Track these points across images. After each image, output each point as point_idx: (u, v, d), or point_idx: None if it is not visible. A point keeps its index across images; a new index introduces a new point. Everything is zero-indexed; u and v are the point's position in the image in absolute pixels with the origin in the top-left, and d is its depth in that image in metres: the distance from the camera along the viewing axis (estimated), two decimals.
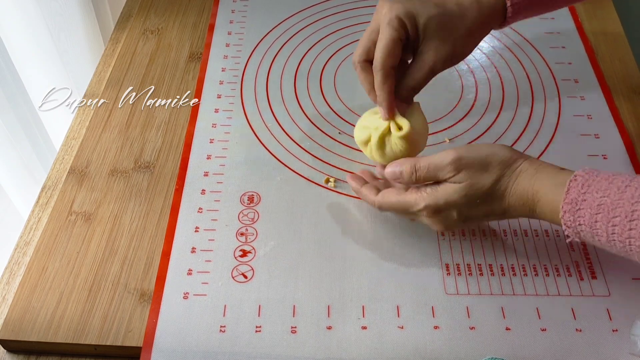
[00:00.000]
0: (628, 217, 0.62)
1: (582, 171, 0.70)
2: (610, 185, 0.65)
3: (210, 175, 0.98)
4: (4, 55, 1.08)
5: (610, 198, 0.64)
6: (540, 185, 0.73)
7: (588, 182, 0.67)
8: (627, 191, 0.63)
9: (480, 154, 0.76)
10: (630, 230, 0.62)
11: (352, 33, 1.24)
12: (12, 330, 0.81)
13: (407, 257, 0.88)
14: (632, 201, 0.62)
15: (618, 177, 0.66)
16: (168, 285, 0.85)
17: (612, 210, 0.63)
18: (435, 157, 0.79)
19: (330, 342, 0.79)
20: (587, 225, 0.66)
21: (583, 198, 0.66)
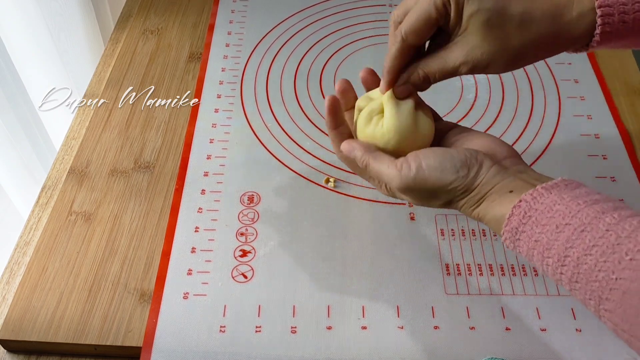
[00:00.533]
0: (560, 262, 0.60)
1: (528, 195, 0.64)
2: (549, 221, 0.62)
3: (210, 175, 0.98)
4: (4, 55, 1.08)
5: (547, 236, 0.61)
6: (485, 213, 0.69)
7: (529, 212, 0.63)
8: (565, 231, 0.60)
9: (426, 186, 0.70)
10: (561, 273, 0.61)
11: (352, 33, 1.24)
12: (12, 330, 0.81)
13: (407, 257, 0.88)
14: (567, 245, 0.59)
15: (560, 211, 0.62)
16: (168, 285, 0.85)
17: (546, 250, 0.61)
18: (384, 171, 0.72)
19: (330, 342, 0.79)
20: (524, 254, 0.65)
21: (522, 229, 0.64)
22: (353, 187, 0.96)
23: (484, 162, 0.69)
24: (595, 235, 0.57)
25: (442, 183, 0.68)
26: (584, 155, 1.01)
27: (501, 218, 0.65)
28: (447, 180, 0.68)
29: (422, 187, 0.69)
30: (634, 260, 0.54)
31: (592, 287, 0.57)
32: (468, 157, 0.69)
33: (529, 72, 1.15)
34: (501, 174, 0.68)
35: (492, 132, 1.03)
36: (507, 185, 0.66)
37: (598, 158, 1.00)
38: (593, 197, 0.61)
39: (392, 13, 0.74)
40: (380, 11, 1.29)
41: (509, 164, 0.70)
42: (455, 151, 0.70)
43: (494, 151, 0.71)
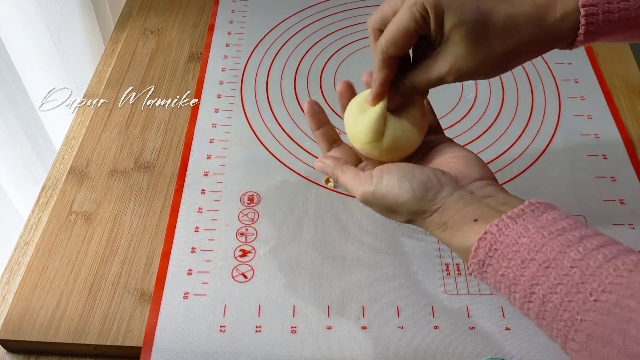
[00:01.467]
0: (527, 297, 0.59)
1: (494, 226, 0.63)
2: (515, 255, 0.60)
3: (210, 175, 0.98)
4: (4, 55, 1.08)
5: (513, 271, 0.60)
6: (450, 241, 0.68)
7: (495, 245, 0.62)
8: (530, 267, 0.59)
9: (384, 202, 0.70)
10: (528, 309, 0.60)
11: (352, 33, 1.24)
12: (12, 330, 0.81)
13: (407, 257, 0.88)
14: (532, 282, 0.58)
15: (525, 244, 0.60)
16: (168, 285, 0.85)
17: (513, 285, 0.60)
18: (349, 183, 0.74)
19: (330, 342, 0.80)
20: (492, 286, 0.64)
21: (489, 262, 0.63)
22: None
23: (446, 186, 0.68)
24: (560, 272, 0.57)
25: (398, 201, 0.69)
26: (584, 155, 1.01)
27: (467, 249, 0.65)
28: (402, 198, 0.68)
29: (380, 202, 0.71)
30: (598, 301, 0.54)
31: (558, 325, 0.57)
32: (430, 178, 0.69)
33: (529, 72, 1.15)
34: (464, 200, 0.67)
35: (492, 132, 1.03)
36: (471, 212, 0.66)
37: (598, 158, 1.00)
38: (559, 225, 0.60)
39: (368, 19, 0.73)
40: None
41: (476, 188, 0.68)
42: (419, 170, 0.70)
43: (463, 173, 0.70)
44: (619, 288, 0.53)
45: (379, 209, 0.72)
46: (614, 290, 0.53)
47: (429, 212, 0.68)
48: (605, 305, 0.53)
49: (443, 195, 0.67)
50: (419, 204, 0.68)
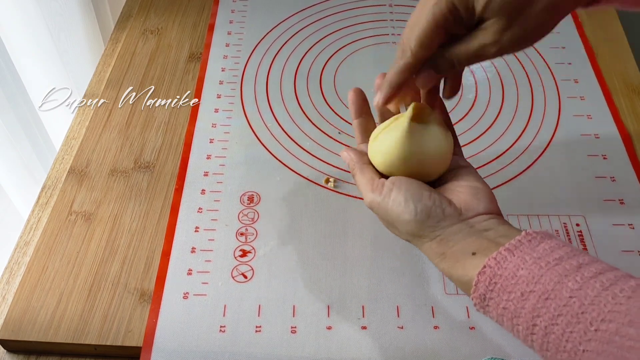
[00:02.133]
0: (529, 330, 0.59)
1: (492, 260, 0.62)
2: (514, 288, 0.60)
3: (210, 175, 0.98)
4: (4, 55, 1.08)
5: (514, 304, 0.60)
6: (450, 273, 0.68)
7: (494, 279, 0.62)
8: (530, 299, 0.59)
9: (387, 215, 0.71)
10: (532, 341, 0.60)
11: (352, 33, 1.24)
12: (12, 330, 0.81)
13: (407, 256, 0.88)
14: (533, 314, 0.59)
15: (523, 277, 0.60)
16: (168, 285, 0.85)
17: (515, 318, 0.60)
18: (362, 185, 0.74)
19: (330, 342, 0.80)
20: (495, 319, 0.64)
21: (490, 296, 0.63)
22: (353, 187, 0.96)
23: (448, 217, 0.68)
24: (559, 303, 0.57)
25: (400, 219, 0.69)
26: (584, 155, 1.01)
27: (467, 283, 0.65)
28: (404, 218, 0.69)
29: (384, 215, 0.71)
30: (598, 331, 0.54)
31: (562, 356, 0.57)
32: (435, 205, 0.69)
33: (529, 72, 1.15)
34: (463, 232, 0.67)
35: (491, 132, 1.03)
36: (470, 245, 0.66)
37: (598, 158, 1.00)
38: (556, 254, 0.60)
39: (401, 37, 0.72)
40: (381, 11, 1.29)
41: (477, 222, 0.68)
42: (427, 194, 0.69)
43: (469, 205, 0.70)
44: (618, 316, 0.53)
45: (381, 219, 0.73)
46: (613, 318, 0.53)
47: (427, 238, 0.69)
48: (606, 335, 0.53)
49: (443, 225, 0.68)
50: (419, 228, 0.68)
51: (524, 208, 0.93)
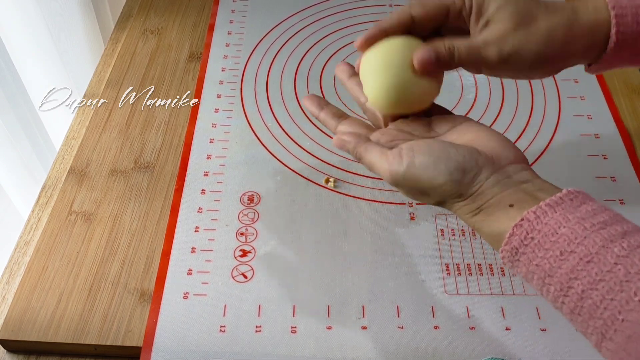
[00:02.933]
0: (563, 292, 0.56)
1: (531, 214, 0.60)
2: (553, 246, 0.58)
3: (210, 175, 0.98)
4: (4, 55, 1.08)
5: (549, 262, 0.58)
6: (481, 225, 0.65)
7: (531, 234, 0.59)
8: (569, 259, 0.56)
9: (417, 184, 0.66)
10: (562, 303, 0.58)
11: (353, 33, 1.24)
12: (12, 330, 0.81)
13: (407, 257, 0.88)
14: (571, 276, 0.56)
15: (565, 235, 0.58)
16: (168, 285, 0.85)
17: (548, 277, 0.58)
18: (376, 163, 0.69)
19: (330, 342, 0.80)
20: (522, 275, 0.61)
21: (523, 251, 0.60)
22: (353, 187, 0.96)
23: (484, 169, 0.65)
24: (602, 268, 0.54)
25: (433, 184, 0.65)
26: (584, 155, 1.01)
27: (499, 235, 0.62)
28: (438, 181, 0.65)
29: (412, 185, 0.67)
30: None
31: (596, 323, 0.55)
32: (467, 159, 0.65)
33: None
34: (501, 185, 0.63)
35: None
36: (507, 197, 0.62)
37: (598, 158, 1.00)
38: (600, 217, 0.57)
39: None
40: (381, 11, 1.29)
41: (512, 171, 0.65)
42: (454, 150, 0.66)
43: (499, 155, 0.66)
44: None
45: (408, 190, 0.68)
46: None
47: (464, 196, 0.65)
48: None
49: (481, 178, 0.64)
50: (456, 188, 0.65)
51: None
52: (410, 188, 0.67)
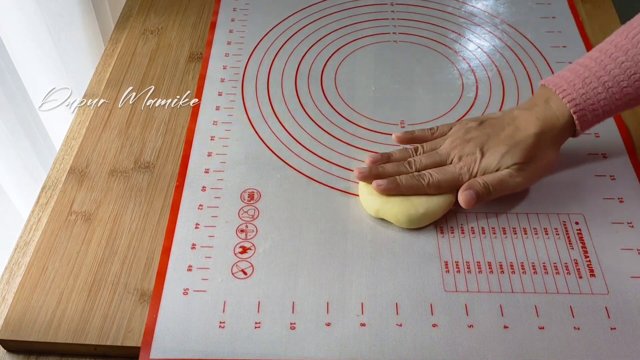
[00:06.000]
0: None
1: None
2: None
3: (210, 172, 0.98)
4: (4, 55, 1.08)
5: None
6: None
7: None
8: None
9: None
10: None
11: (354, 32, 1.24)
12: (12, 330, 0.81)
13: (406, 254, 0.88)
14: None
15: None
16: (168, 281, 0.85)
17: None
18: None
19: (329, 338, 0.79)
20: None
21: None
22: (353, 184, 0.96)
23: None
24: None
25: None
26: (584, 154, 1.01)
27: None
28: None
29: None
30: None
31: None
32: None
33: (530, 70, 1.15)
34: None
35: None
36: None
37: (598, 157, 1.00)
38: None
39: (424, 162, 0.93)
40: (382, 10, 1.29)
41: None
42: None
43: None
44: None
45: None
46: None
47: None
48: None
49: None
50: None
51: (523, 206, 0.93)
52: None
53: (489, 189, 0.88)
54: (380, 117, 1.06)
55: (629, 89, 0.86)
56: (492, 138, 0.91)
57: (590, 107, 0.88)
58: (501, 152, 0.89)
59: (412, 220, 0.89)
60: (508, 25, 1.25)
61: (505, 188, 0.89)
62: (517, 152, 0.88)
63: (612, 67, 0.87)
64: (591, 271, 0.86)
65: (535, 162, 0.90)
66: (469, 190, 0.88)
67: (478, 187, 0.88)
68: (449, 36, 1.23)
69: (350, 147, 1.02)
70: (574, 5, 1.29)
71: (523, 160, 0.89)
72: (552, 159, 0.92)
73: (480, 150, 0.90)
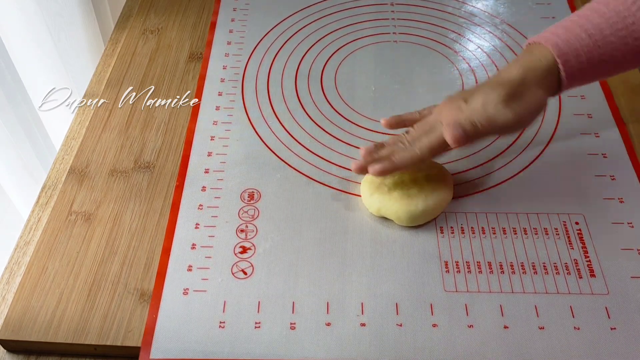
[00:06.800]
0: None
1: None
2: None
3: (210, 172, 0.98)
4: (4, 55, 1.08)
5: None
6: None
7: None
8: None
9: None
10: None
11: (354, 32, 1.24)
12: (12, 330, 0.81)
13: (406, 254, 0.88)
14: None
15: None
16: (168, 281, 0.85)
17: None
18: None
19: (329, 338, 0.80)
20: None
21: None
22: (353, 184, 0.96)
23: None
24: None
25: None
26: (584, 154, 1.01)
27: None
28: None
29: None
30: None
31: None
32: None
33: None
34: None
35: None
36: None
37: (598, 157, 1.00)
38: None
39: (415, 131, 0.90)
40: (382, 10, 1.29)
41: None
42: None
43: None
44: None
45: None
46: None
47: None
48: None
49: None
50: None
51: (523, 206, 0.93)
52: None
53: (475, 125, 0.84)
54: (380, 117, 1.05)
55: (611, 37, 0.84)
56: (475, 89, 0.88)
57: (573, 52, 0.85)
58: (485, 92, 0.86)
59: (412, 217, 0.89)
60: (508, 25, 1.25)
61: (494, 124, 0.84)
62: (502, 89, 0.85)
63: (594, 17, 0.85)
64: (591, 271, 0.86)
65: (523, 98, 0.85)
66: (455, 125, 0.84)
67: (464, 122, 0.84)
68: (449, 36, 1.23)
69: (350, 147, 1.02)
70: (574, 5, 1.29)
71: (509, 94, 0.84)
72: (539, 98, 0.86)
73: (464, 99, 0.87)
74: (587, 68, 0.85)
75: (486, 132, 0.85)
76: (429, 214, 0.90)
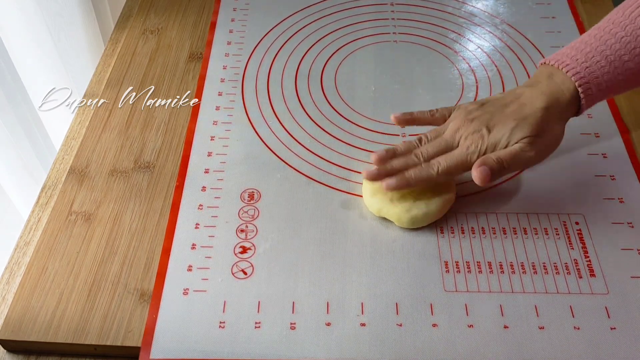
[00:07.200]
0: None
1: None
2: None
3: (210, 172, 0.98)
4: (4, 55, 1.08)
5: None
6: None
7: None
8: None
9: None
10: None
11: (354, 32, 1.24)
12: (12, 330, 0.81)
13: (406, 254, 0.88)
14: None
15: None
16: (168, 281, 0.85)
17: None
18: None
19: (329, 338, 0.80)
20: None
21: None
22: (353, 184, 0.96)
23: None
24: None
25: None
26: (584, 154, 1.01)
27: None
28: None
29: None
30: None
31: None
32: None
33: (530, 71, 1.15)
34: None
35: None
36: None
37: (598, 157, 1.00)
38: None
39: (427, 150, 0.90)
40: (382, 10, 1.29)
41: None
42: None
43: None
44: None
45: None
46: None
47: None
48: None
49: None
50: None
51: (523, 206, 0.93)
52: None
53: (502, 164, 0.85)
54: (380, 117, 1.06)
55: (630, 63, 0.86)
56: (497, 115, 0.88)
57: (594, 81, 0.86)
58: (510, 127, 0.87)
59: (414, 220, 0.89)
60: (508, 25, 1.25)
61: (519, 163, 0.86)
62: (526, 125, 0.86)
63: (612, 42, 0.86)
64: (591, 271, 0.86)
65: (545, 135, 0.87)
66: (483, 167, 0.85)
67: (492, 162, 0.85)
68: (449, 36, 1.23)
69: (350, 147, 1.02)
70: (574, 5, 1.29)
71: (533, 134, 0.86)
72: (559, 133, 0.89)
73: (486, 127, 0.88)
74: (605, 93, 0.88)
75: (510, 170, 0.87)
76: (431, 217, 0.90)
